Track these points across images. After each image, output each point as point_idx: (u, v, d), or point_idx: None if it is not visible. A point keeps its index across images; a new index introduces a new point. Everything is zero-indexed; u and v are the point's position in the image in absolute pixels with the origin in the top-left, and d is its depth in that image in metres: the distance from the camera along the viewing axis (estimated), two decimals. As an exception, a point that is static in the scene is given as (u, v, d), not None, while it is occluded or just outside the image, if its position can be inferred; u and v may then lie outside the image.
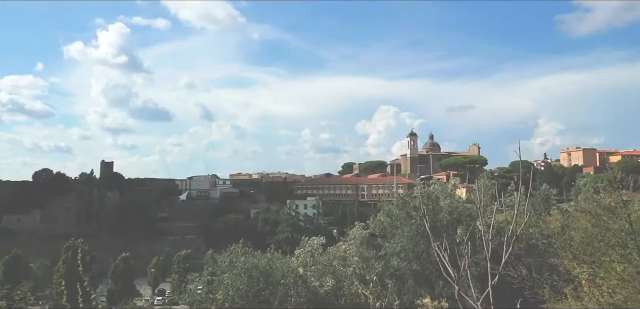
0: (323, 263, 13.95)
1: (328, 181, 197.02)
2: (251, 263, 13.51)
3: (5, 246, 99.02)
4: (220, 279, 13.89)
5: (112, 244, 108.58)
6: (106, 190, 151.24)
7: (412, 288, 17.47)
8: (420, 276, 18.08)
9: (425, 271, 17.95)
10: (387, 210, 19.85)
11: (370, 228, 19.84)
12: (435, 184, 18.73)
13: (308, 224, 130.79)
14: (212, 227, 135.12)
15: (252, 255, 14.31)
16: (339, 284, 13.34)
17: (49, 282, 76.39)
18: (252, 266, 13.41)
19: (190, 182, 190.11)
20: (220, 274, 13.89)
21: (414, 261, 18.08)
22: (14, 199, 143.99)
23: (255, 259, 14.01)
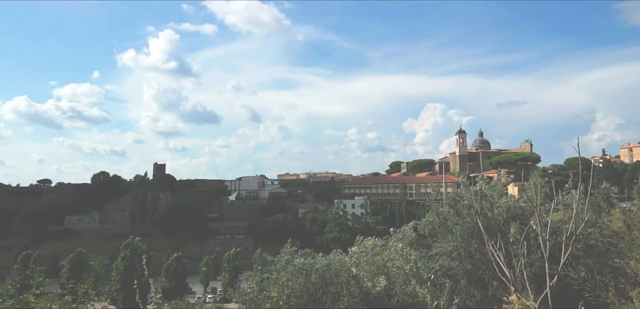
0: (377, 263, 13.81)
1: (375, 180, 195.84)
2: (310, 264, 13.54)
3: (69, 245, 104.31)
4: (275, 278, 13.99)
5: (164, 244, 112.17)
6: (159, 191, 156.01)
7: (464, 288, 17.08)
8: (472, 276, 17.64)
9: (478, 271, 17.49)
10: (436, 209, 19.48)
11: (420, 228, 19.52)
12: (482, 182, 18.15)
13: (356, 223, 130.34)
14: (261, 227, 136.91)
15: (311, 256, 14.36)
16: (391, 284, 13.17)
17: (107, 278, 79.76)
18: (310, 268, 13.44)
19: (239, 183, 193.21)
20: (275, 273, 13.99)
21: (466, 261, 17.66)
22: (75, 201, 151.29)
23: (313, 260, 14.03)
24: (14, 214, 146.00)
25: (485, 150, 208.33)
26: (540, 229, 9.65)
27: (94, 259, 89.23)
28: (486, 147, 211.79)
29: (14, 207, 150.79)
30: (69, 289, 8.54)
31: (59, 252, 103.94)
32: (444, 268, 16.95)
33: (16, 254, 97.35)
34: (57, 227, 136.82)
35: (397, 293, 12.75)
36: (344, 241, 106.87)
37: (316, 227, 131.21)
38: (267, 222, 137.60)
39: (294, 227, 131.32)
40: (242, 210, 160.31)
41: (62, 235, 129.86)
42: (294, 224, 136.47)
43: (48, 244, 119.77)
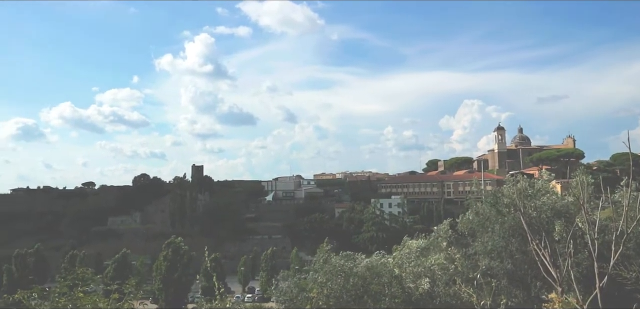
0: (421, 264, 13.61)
1: (412, 178, 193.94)
2: (348, 267, 13.46)
3: (112, 246, 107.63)
4: (314, 278, 13.96)
5: (203, 244, 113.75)
6: (197, 192, 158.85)
7: (505, 288, 16.68)
8: (513, 275, 17.20)
9: (520, 271, 17.04)
10: (476, 207, 19.07)
11: (459, 226, 19.15)
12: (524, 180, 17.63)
13: (393, 223, 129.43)
14: (298, 226, 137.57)
15: (350, 257, 14.27)
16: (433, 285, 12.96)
17: (149, 278, 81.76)
18: (349, 271, 13.36)
19: (276, 183, 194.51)
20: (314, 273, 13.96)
21: (507, 260, 17.22)
22: (117, 202, 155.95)
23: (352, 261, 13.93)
24: (61, 216, 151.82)
25: (525, 146, 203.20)
26: (588, 228, 9.30)
27: (136, 259, 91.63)
28: (526, 144, 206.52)
29: (61, 209, 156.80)
30: (116, 287, 8.85)
31: (103, 252, 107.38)
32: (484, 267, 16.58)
33: (64, 254, 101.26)
34: (101, 228, 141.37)
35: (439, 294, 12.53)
36: (381, 241, 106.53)
37: (353, 227, 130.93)
38: (303, 222, 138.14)
39: (331, 227, 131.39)
40: (279, 210, 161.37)
41: (105, 236, 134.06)
42: (330, 224, 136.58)
43: (93, 244, 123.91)
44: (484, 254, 17.27)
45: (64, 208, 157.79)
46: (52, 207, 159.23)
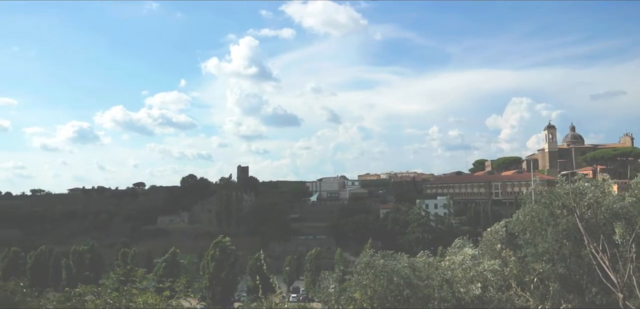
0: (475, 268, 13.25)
1: (458, 179, 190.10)
2: (391, 267, 13.25)
3: (161, 244, 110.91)
4: (357, 280, 13.83)
5: (249, 243, 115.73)
6: (243, 193, 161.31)
7: (558, 293, 16.02)
8: (567, 280, 16.50)
9: (574, 275, 16.33)
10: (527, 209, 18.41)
11: (509, 228, 18.54)
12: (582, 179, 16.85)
13: (439, 224, 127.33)
14: (342, 227, 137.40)
15: (393, 259, 14.06)
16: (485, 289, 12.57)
17: (196, 276, 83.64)
18: (391, 271, 13.16)
19: (320, 184, 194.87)
20: (356, 275, 13.83)
21: (560, 264, 16.54)
22: (166, 202, 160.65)
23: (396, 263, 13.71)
24: (114, 215, 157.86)
25: (578, 145, 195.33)
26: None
27: (184, 258, 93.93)
28: (579, 143, 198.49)
29: (114, 208, 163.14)
30: (168, 285, 9.11)
31: (152, 250, 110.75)
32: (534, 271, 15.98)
33: (116, 252, 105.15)
34: (151, 227, 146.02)
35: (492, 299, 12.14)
36: (427, 242, 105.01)
37: (398, 228, 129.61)
38: (348, 222, 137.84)
39: (376, 228, 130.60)
40: (323, 210, 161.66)
41: (155, 234, 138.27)
42: (375, 225, 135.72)
43: (143, 242, 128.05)
44: (536, 257, 16.66)
45: (116, 207, 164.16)
46: (105, 206, 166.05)
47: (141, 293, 8.22)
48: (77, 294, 8.09)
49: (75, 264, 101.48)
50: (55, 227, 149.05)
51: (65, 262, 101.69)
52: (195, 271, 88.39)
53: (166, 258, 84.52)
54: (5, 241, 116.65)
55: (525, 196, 18.10)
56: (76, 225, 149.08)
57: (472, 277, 12.81)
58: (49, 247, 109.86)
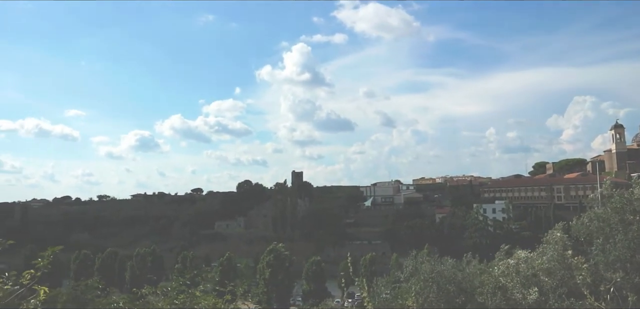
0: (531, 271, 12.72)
1: (518, 182, 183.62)
2: (437, 271, 12.94)
3: (218, 248, 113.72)
4: (407, 287, 13.60)
5: (304, 248, 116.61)
6: (297, 198, 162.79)
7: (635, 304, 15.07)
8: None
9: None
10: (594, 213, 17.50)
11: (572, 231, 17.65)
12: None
13: (498, 229, 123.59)
14: (397, 232, 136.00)
15: (438, 262, 13.73)
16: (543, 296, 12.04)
17: (253, 280, 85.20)
18: (438, 275, 12.85)
19: (375, 189, 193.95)
20: (405, 281, 13.61)
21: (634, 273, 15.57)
22: (223, 207, 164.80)
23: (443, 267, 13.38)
24: (173, 219, 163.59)
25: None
26: None
27: (241, 261, 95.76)
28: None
29: (173, 213, 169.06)
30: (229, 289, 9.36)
31: (210, 254, 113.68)
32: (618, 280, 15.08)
33: (176, 255, 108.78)
34: (209, 231, 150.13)
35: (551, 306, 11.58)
36: (485, 248, 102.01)
37: (455, 233, 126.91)
38: (403, 227, 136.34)
39: (431, 233, 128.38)
40: (378, 215, 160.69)
41: (212, 238, 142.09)
42: (431, 230, 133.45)
43: (201, 246, 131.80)
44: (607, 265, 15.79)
45: (175, 212, 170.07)
46: (165, 211, 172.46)
47: (204, 296, 8.50)
48: (143, 294, 8.53)
49: (137, 266, 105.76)
50: (119, 231, 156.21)
51: (129, 264, 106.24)
52: (251, 275, 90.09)
53: (221, 262, 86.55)
54: (76, 243, 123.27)
55: (590, 199, 17.22)
56: (138, 229, 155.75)
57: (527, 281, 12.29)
58: (114, 250, 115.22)
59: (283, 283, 75.01)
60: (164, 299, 8.15)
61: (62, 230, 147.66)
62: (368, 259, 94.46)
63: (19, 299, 3.21)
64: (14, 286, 3.33)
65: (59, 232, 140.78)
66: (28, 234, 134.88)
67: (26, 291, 3.31)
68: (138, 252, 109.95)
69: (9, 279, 3.21)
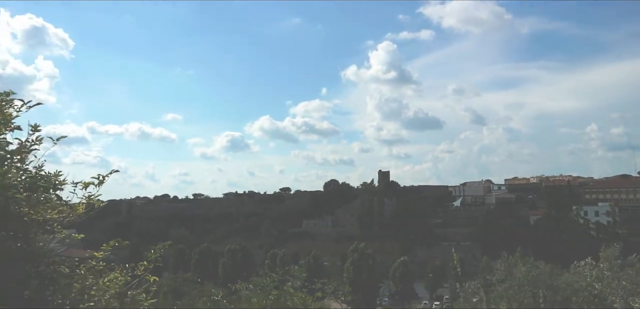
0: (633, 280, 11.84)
1: (625, 183, 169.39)
2: (533, 275, 12.34)
3: (306, 246, 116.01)
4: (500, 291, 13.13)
5: (391, 248, 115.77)
6: (384, 198, 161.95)
7: None
8: None
9: None
10: None
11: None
12: None
13: (601, 233, 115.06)
14: (488, 234, 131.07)
15: (533, 266, 13.10)
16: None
17: (340, 279, 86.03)
18: (534, 279, 12.26)
19: (464, 188, 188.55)
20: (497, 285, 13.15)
21: None
22: (310, 206, 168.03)
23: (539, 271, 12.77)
24: (262, 217, 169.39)
25: None
26: None
27: (328, 260, 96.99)
28: None
29: (263, 211, 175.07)
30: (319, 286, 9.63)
31: (298, 252, 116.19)
32: None
33: (265, 252, 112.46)
34: (297, 229, 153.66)
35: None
36: (586, 253, 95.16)
37: (551, 237, 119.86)
38: (494, 229, 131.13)
39: (525, 236, 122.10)
40: (467, 216, 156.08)
41: (300, 237, 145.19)
42: (524, 232, 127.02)
43: (289, 244, 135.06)
44: None
45: (264, 210, 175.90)
46: (255, 210, 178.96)
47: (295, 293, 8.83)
48: (237, 289, 9.06)
49: (229, 262, 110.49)
50: (213, 228, 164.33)
51: (222, 260, 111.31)
52: (338, 273, 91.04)
53: (308, 260, 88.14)
54: (174, 238, 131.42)
55: None
56: (230, 226, 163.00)
57: (633, 289, 11.42)
58: (208, 245, 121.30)
59: (368, 283, 74.97)
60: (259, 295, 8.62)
61: (162, 226, 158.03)
62: (457, 261, 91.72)
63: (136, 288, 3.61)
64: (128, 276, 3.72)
65: (159, 227, 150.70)
66: (132, 228, 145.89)
67: (140, 281, 3.71)
68: (229, 248, 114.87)
69: (129, 269, 3.62)
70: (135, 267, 3.70)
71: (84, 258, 3.46)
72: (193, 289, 14.97)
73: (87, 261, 3.43)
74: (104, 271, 3.40)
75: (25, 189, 2.97)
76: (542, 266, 13.64)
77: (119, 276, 3.50)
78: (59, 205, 3.25)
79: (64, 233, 3.34)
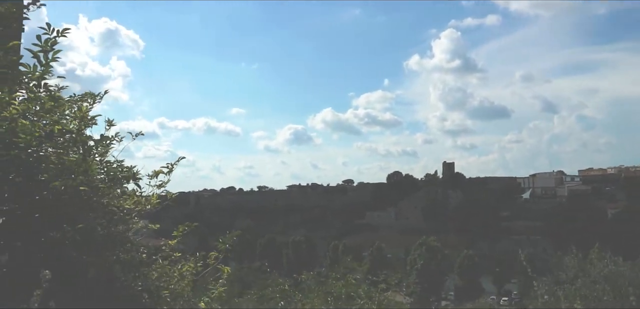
0: None
1: None
2: (609, 270, 11.63)
3: (369, 238, 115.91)
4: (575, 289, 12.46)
5: (455, 241, 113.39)
6: (448, 189, 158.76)
7: None
8: None
9: None
10: None
11: None
12: None
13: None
14: (560, 228, 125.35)
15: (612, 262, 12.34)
16: None
17: (403, 272, 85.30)
18: (615, 276, 11.55)
19: (533, 180, 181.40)
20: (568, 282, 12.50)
21: None
22: (373, 198, 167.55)
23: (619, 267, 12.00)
24: (325, 209, 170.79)
25: None
26: None
27: (391, 252, 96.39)
28: None
29: (326, 203, 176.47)
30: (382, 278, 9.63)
31: (361, 244, 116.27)
32: None
33: (328, 244, 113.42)
34: (360, 221, 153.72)
35: None
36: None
37: (632, 231, 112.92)
38: (567, 223, 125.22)
39: (602, 231, 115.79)
40: (537, 209, 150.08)
41: (363, 228, 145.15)
42: (601, 227, 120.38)
43: (352, 236, 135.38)
44: None
45: (327, 202, 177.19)
46: (318, 202, 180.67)
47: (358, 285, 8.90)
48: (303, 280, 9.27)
49: (293, 253, 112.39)
50: (277, 220, 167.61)
51: (285, 251, 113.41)
52: (401, 265, 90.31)
53: (372, 252, 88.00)
54: (240, 229, 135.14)
55: None
56: (293, 218, 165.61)
57: None
58: (273, 236, 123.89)
59: (434, 277, 73.84)
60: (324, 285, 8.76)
61: (228, 217, 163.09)
62: (526, 256, 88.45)
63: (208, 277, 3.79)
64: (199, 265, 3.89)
65: (225, 219, 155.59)
66: (200, 220, 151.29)
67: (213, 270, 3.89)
68: (293, 239, 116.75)
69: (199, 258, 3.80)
70: (207, 256, 3.87)
71: (158, 247, 3.66)
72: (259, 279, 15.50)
73: (161, 249, 3.63)
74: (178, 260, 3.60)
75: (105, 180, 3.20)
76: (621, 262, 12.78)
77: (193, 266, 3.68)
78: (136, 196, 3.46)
79: (141, 223, 3.55)
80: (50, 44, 2.97)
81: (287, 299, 9.18)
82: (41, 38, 2.96)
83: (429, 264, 73.76)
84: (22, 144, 2.76)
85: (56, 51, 3.01)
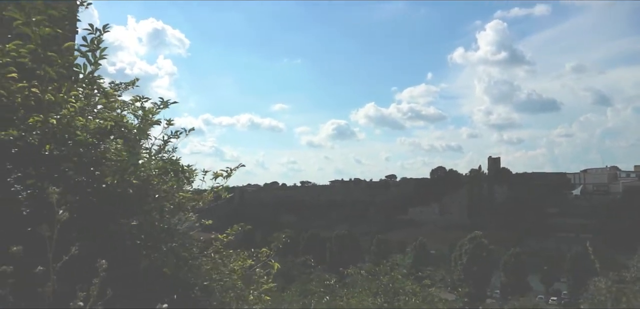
0: None
1: None
2: None
3: (412, 233, 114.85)
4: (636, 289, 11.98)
5: (501, 238, 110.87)
6: (494, 185, 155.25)
7: None
8: None
9: None
10: None
11: None
12: None
13: None
14: (614, 225, 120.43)
15: None
16: None
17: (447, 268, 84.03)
18: None
19: (584, 176, 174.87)
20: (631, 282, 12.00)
21: None
22: (416, 193, 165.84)
23: None
24: (368, 204, 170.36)
25: None
26: None
27: (434, 249, 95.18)
28: None
29: (369, 198, 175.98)
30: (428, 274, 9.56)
31: (404, 239, 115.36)
32: None
33: (371, 238, 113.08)
34: (403, 216, 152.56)
35: None
36: None
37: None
38: (621, 220, 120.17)
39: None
40: (588, 206, 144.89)
41: (406, 224, 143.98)
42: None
43: (395, 231, 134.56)
44: None
45: (370, 198, 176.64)
46: (361, 197, 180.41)
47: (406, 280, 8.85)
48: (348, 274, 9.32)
49: (336, 247, 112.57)
50: (320, 214, 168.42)
51: (329, 245, 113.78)
52: (444, 261, 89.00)
53: (415, 247, 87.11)
54: (283, 223, 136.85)
55: None
56: (337, 213, 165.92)
57: None
58: (316, 231, 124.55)
59: (479, 274, 72.40)
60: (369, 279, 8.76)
61: (271, 212, 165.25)
62: (577, 254, 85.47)
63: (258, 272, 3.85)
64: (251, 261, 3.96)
65: (269, 213, 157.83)
66: (244, 214, 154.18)
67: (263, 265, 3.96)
68: (337, 234, 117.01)
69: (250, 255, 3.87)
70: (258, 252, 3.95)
71: (209, 241, 3.73)
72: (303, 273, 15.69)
73: (212, 243, 3.70)
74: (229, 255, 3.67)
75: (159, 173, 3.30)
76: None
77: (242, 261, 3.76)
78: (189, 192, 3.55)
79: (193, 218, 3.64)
80: (96, 43, 3.08)
81: (332, 294, 9.23)
82: (87, 38, 3.09)
83: (475, 261, 72.36)
84: (79, 140, 2.90)
85: (103, 49, 3.12)
